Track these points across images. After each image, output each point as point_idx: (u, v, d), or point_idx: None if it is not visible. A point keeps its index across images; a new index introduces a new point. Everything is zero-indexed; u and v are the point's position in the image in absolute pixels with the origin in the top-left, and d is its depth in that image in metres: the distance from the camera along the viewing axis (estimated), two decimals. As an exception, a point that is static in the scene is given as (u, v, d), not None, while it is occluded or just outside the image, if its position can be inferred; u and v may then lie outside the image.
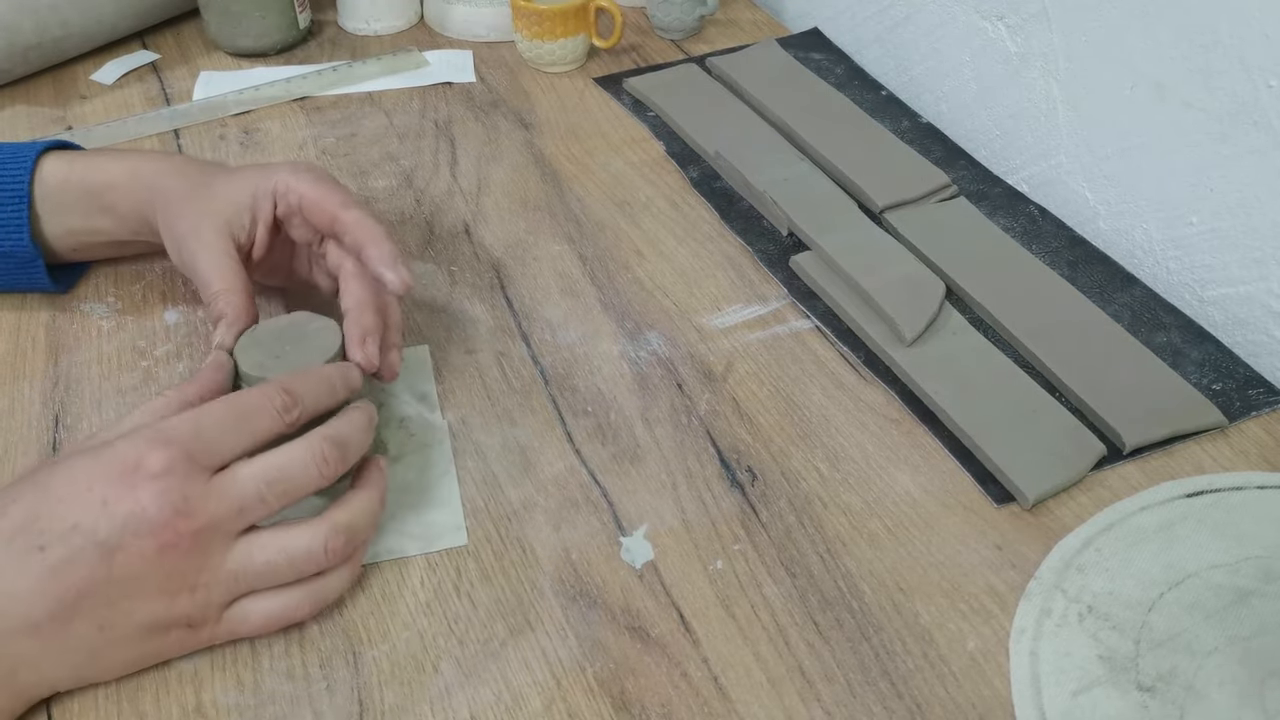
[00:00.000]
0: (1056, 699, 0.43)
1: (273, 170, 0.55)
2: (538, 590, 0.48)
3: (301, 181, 0.54)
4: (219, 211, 0.54)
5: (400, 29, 0.94)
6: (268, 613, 0.44)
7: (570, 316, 0.63)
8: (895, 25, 0.85)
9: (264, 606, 0.44)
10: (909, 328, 0.59)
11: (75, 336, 0.61)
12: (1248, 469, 0.54)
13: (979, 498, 0.52)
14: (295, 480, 0.43)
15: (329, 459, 0.44)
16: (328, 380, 0.47)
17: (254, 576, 0.43)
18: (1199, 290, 0.64)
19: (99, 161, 0.59)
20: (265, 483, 0.42)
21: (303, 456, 0.43)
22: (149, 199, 0.57)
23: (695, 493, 0.52)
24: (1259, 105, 0.58)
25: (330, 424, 0.45)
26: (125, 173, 0.58)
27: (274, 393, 0.44)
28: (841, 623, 0.47)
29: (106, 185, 0.58)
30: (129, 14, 0.88)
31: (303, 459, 0.43)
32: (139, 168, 0.58)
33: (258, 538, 0.43)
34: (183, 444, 0.41)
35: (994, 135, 0.77)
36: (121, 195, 0.58)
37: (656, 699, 0.44)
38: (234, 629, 0.44)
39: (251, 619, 0.44)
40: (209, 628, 0.43)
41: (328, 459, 0.44)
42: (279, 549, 0.43)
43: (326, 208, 0.54)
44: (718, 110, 0.80)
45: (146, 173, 0.57)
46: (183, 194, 0.55)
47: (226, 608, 0.43)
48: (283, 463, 0.43)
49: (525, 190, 0.73)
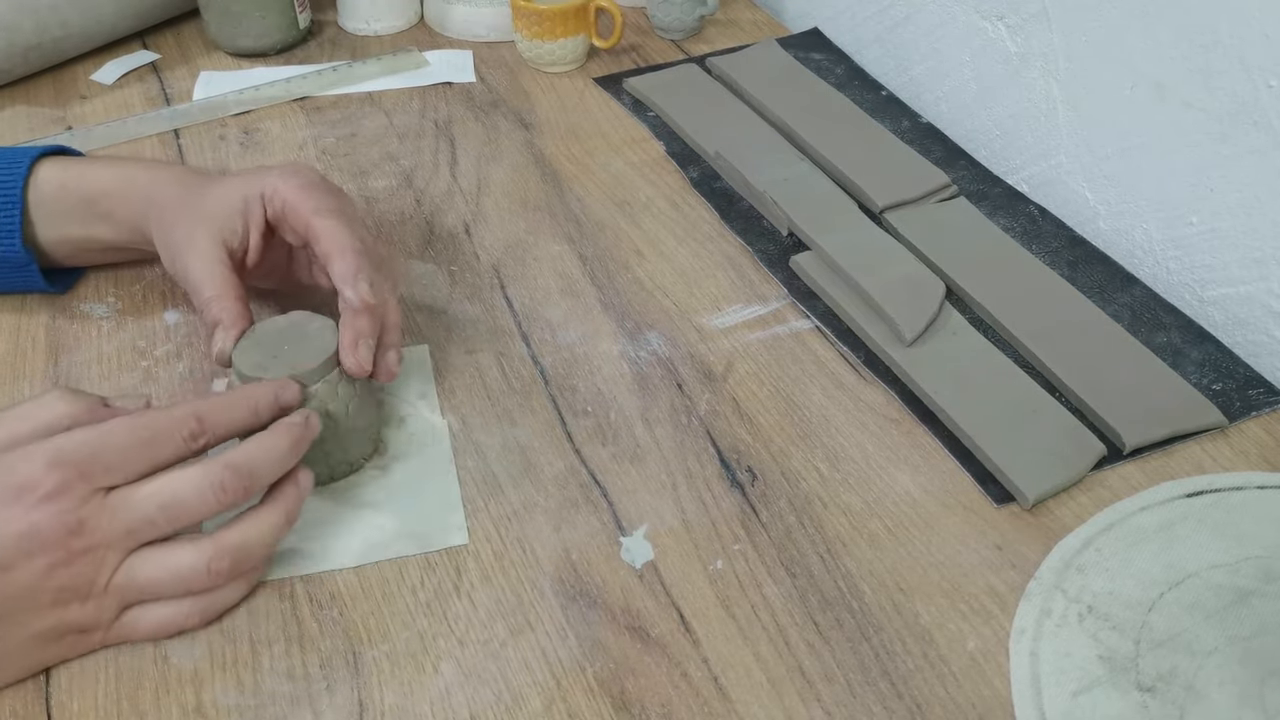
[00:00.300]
0: (1056, 699, 0.43)
1: (264, 174, 0.55)
2: (538, 590, 0.48)
3: (287, 186, 0.54)
4: (211, 219, 0.54)
5: (400, 29, 0.94)
6: (157, 621, 0.45)
7: (570, 316, 0.63)
8: (895, 25, 0.85)
9: (153, 615, 0.44)
10: (909, 328, 0.59)
11: (75, 336, 0.61)
12: (1248, 469, 0.54)
13: (979, 498, 0.52)
14: (189, 506, 0.43)
15: (227, 487, 0.43)
16: (249, 402, 0.46)
17: (140, 591, 0.43)
18: (1199, 290, 0.64)
19: (95, 170, 0.59)
20: (158, 506, 0.42)
21: (199, 483, 0.43)
22: (144, 208, 0.57)
23: (695, 493, 0.52)
24: (1259, 105, 0.58)
25: (238, 449, 0.45)
26: (121, 181, 0.58)
27: (183, 418, 0.44)
28: (841, 623, 0.47)
29: (102, 193, 0.58)
30: (129, 14, 0.88)
31: (199, 486, 0.43)
32: (135, 176, 0.58)
33: (144, 554, 0.43)
34: (79, 465, 0.41)
35: (994, 135, 0.77)
36: (117, 204, 0.58)
37: (656, 699, 0.44)
38: (125, 635, 0.45)
39: (141, 627, 0.44)
40: (101, 632, 0.44)
41: (225, 487, 0.43)
42: (162, 567, 0.43)
43: (300, 213, 0.53)
44: (718, 110, 0.80)
45: (142, 182, 0.57)
46: (176, 203, 0.55)
47: (119, 614, 0.44)
48: (177, 488, 0.43)
49: (525, 190, 0.73)
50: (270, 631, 0.46)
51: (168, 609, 0.45)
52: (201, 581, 0.44)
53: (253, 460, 0.45)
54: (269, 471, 0.45)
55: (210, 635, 0.46)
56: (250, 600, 0.47)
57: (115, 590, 0.43)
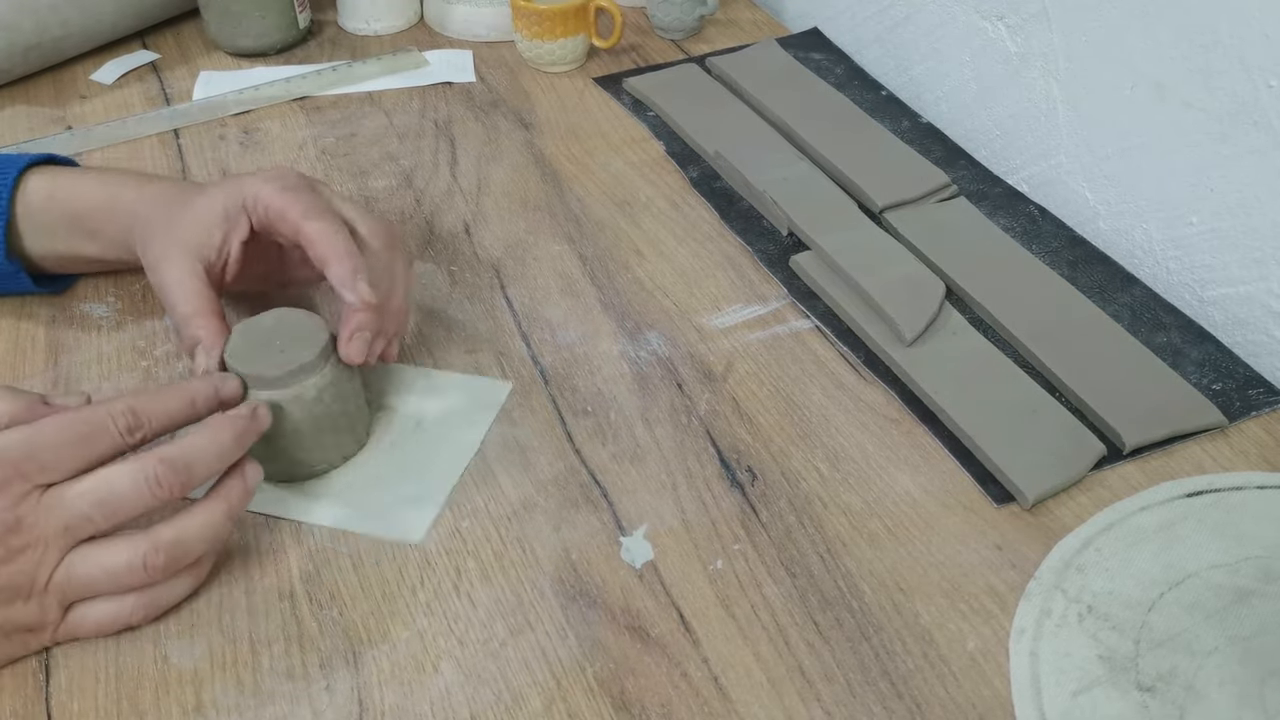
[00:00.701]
0: (1056, 699, 0.43)
1: (243, 182, 0.54)
2: (537, 590, 0.48)
3: (268, 191, 0.53)
4: (186, 235, 0.53)
5: (400, 29, 0.94)
6: (100, 618, 0.45)
7: (570, 316, 0.63)
8: (895, 25, 0.85)
9: (97, 612, 0.45)
10: (909, 328, 0.59)
11: (75, 336, 0.61)
12: (1248, 469, 0.54)
13: (979, 498, 0.52)
14: (125, 500, 0.43)
15: (162, 481, 0.43)
16: (186, 394, 0.46)
17: (80, 588, 0.43)
18: (1199, 290, 0.64)
19: (83, 185, 0.58)
20: (93, 503, 0.42)
21: (134, 478, 0.43)
22: (129, 224, 0.56)
23: (695, 493, 0.52)
24: (1259, 105, 0.58)
25: (172, 444, 0.44)
26: (107, 198, 0.57)
27: (119, 412, 0.44)
28: (841, 623, 0.47)
29: (89, 210, 0.57)
30: (129, 14, 0.88)
31: (134, 480, 0.43)
32: (121, 193, 0.57)
33: (82, 551, 0.43)
34: (15, 464, 0.41)
35: (994, 135, 0.77)
36: (103, 221, 0.57)
37: (656, 699, 0.44)
38: (73, 632, 0.45)
39: (86, 624, 0.45)
40: (50, 631, 0.44)
41: (160, 480, 0.43)
42: (97, 564, 0.43)
43: (289, 218, 0.53)
44: (718, 110, 0.80)
45: (128, 199, 0.57)
46: (157, 220, 0.55)
47: (65, 613, 0.44)
48: (113, 483, 0.43)
49: (525, 190, 0.73)
50: (270, 631, 0.46)
51: (110, 605, 0.45)
52: (138, 577, 0.44)
53: (188, 453, 0.44)
54: (207, 465, 0.45)
55: (210, 635, 0.46)
56: (250, 600, 0.47)
57: (56, 588, 0.43)
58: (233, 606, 0.47)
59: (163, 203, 0.56)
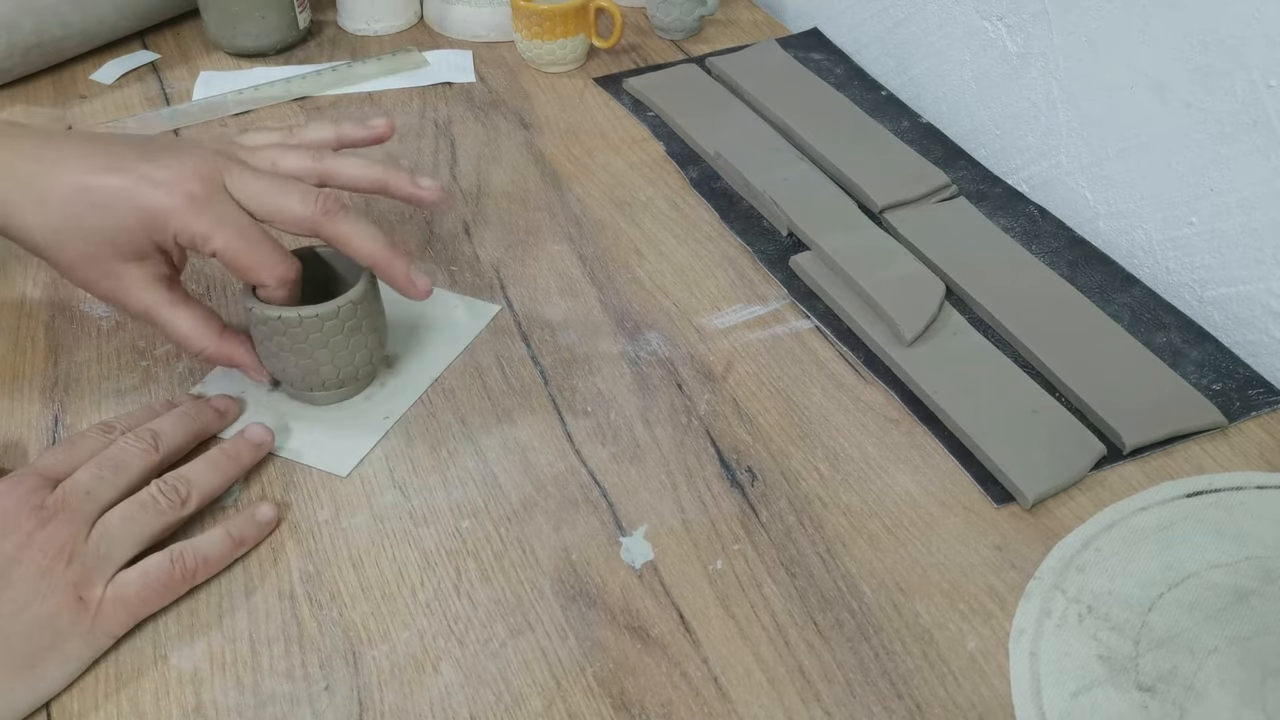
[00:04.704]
0: (1056, 699, 0.43)
1: (150, 209, 0.48)
2: (537, 590, 0.48)
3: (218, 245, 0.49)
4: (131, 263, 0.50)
5: (400, 29, 0.94)
6: (141, 575, 0.46)
7: (570, 316, 0.63)
8: (895, 25, 0.85)
9: (137, 570, 0.46)
10: (909, 328, 0.59)
11: (75, 336, 0.61)
12: (1248, 469, 0.54)
13: (979, 498, 0.52)
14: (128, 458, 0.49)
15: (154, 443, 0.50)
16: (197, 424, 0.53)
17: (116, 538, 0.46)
18: (1199, 290, 0.64)
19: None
20: (100, 466, 0.48)
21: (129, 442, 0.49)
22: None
23: (695, 493, 0.52)
24: (1259, 105, 0.58)
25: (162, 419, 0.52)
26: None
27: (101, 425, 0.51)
28: (841, 623, 0.47)
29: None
30: (129, 14, 0.88)
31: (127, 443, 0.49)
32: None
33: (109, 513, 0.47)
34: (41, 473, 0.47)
35: (994, 135, 0.77)
36: None
37: (656, 699, 0.44)
38: (119, 595, 0.45)
39: (130, 588, 0.45)
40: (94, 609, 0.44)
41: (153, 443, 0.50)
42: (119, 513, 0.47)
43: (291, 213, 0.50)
44: (718, 110, 0.80)
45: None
46: (74, 258, 0.50)
47: (107, 585, 0.45)
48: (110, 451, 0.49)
49: (525, 190, 0.73)
50: (270, 631, 0.46)
51: (148, 562, 0.46)
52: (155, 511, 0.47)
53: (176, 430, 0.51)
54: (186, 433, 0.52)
55: (210, 635, 0.46)
56: (250, 600, 0.47)
57: (94, 545, 0.45)
58: (233, 606, 0.47)
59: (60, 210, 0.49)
